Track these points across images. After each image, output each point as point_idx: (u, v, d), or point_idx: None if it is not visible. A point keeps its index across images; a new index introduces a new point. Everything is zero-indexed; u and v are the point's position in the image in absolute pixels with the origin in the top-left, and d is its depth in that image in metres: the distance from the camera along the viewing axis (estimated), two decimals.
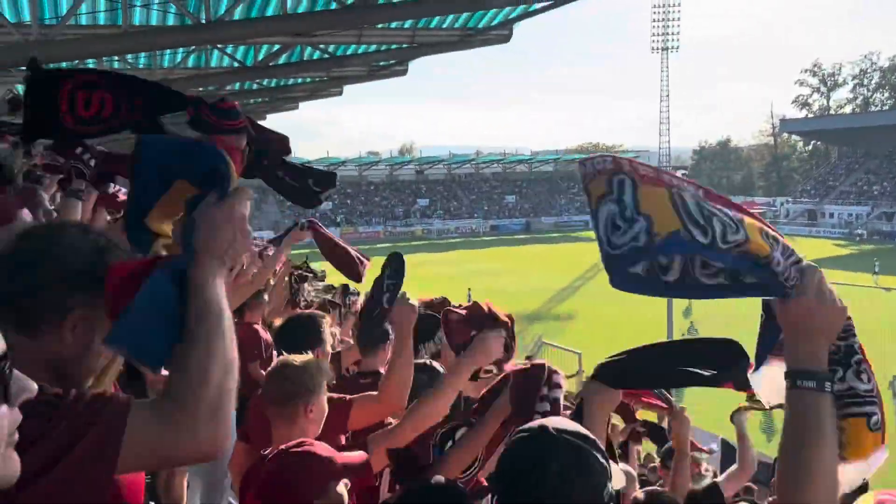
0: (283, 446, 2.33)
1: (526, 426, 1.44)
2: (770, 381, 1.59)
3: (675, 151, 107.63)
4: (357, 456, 2.41)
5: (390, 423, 2.83)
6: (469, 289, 31.94)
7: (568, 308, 33.48)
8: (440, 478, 1.90)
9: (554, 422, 1.44)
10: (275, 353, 4.27)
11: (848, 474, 1.45)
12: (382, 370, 3.50)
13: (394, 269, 3.11)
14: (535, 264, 49.70)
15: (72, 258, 1.36)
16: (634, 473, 4.07)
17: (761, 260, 1.40)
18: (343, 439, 3.00)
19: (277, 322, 4.58)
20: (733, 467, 4.55)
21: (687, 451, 3.88)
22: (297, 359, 2.79)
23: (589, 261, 50.56)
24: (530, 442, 1.39)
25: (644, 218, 1.36)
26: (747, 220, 1.43)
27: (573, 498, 1.32)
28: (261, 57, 12.73)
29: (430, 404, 2.54)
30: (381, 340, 3.79)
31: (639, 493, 3.87)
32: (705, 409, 10.47)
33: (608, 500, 1.36)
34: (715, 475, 5.28)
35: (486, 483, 2.32)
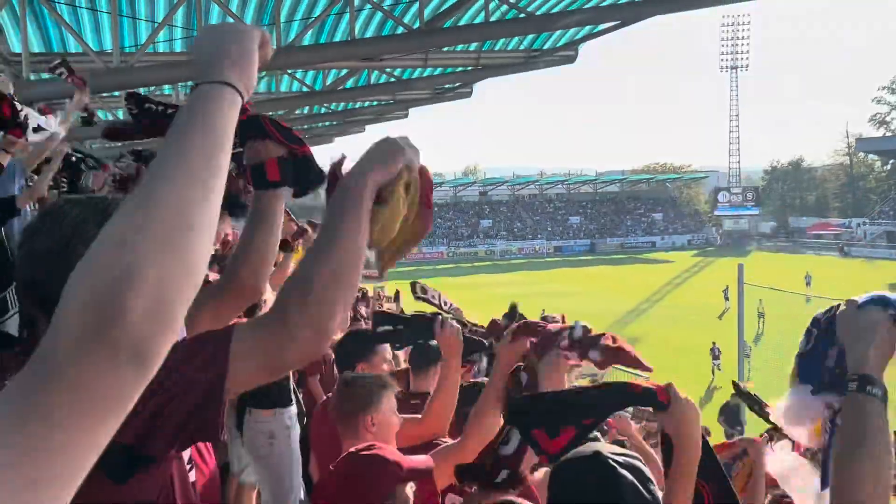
0: (352, 449, 2.35)
1: (581, 454, 1.42)
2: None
3: (746, 171, 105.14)
4: (423, 460, 2.41)
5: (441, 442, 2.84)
6: (543, 309, 31.68)
7: (633, 331, 32.80)
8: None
9: (605, 448, 1.43)
10: (336, 368, 4.33)
11: None
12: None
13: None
14: (600, 286, 49.02)
15: None
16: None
17: None
18: None
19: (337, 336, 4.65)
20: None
21: (761, 485, 3.73)
22: (358, 376, 2.84)
23: (655, 283, 49.67)
24: (596, 473, 1.37)
25: None
26: None
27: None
28: (329, 81, 13.04)
29: (488, 416, 2.52)
30: (431, 362, 3.80)
31: None
32: None
33: None
34: None
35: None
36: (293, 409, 4.88)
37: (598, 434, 2.04)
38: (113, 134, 2.28)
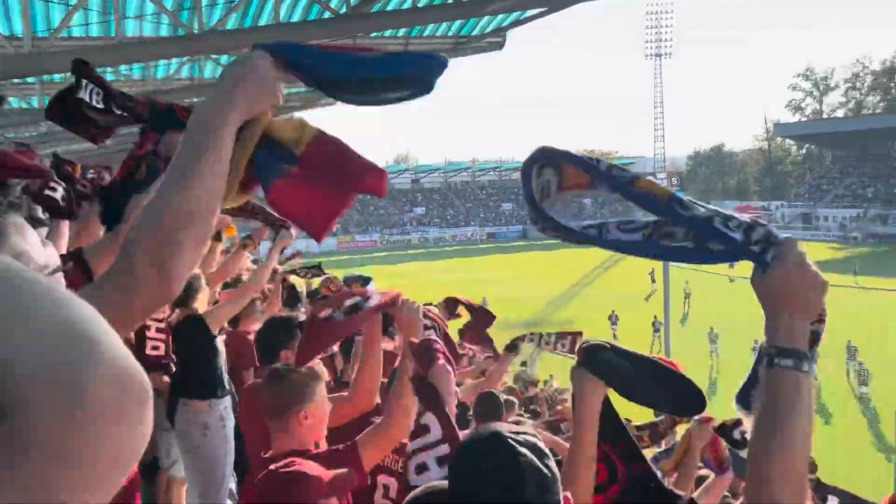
0: (271, 466, 2.32)
1: (480, 434, 1.40)
2: None
3: (670, 157, 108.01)
4: (342, 472, 2.41)
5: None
6: (484, 297, 31.93)
7: (565, 314, 33.43)
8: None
9: (503, 427, 1.40)
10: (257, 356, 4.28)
11: None
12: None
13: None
14: (532, 271, 49.72)
15: None
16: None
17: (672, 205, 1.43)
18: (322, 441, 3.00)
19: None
20: (711, 478, 4.39)
21: (693, 464, 3.82)
22: (286, 369, 2.79)
23: (585, 267, 50.66)
24: (496, 451, 1.34)
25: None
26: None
27: (550, 499, 1.31)
28: None
29: (406, 398, 2.54)
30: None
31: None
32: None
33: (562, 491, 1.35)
34: None
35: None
36: (228, 400, 4.80)
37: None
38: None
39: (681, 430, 3.79)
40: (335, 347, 5.17)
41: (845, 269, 43.04)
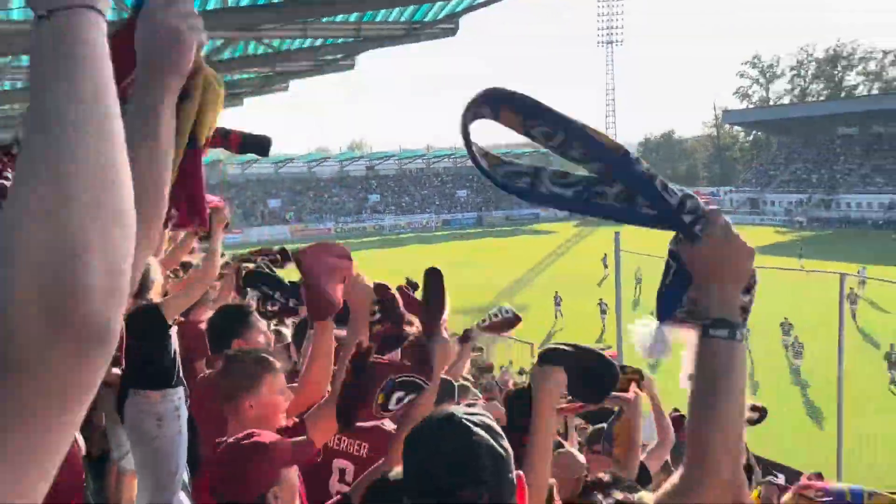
0: (231, 439, 2.30)
1: (435, 416, 1.41)
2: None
3: (622, 144, 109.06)
4: (302, 439, 2.42)
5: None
6: (407, 277, 31.77)
7: (520, 300, 33.64)
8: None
9: (460, 409, 1.40)
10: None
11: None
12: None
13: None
14: (487, 258, 49.93)
15: None
16: (584, 459, 4.08)
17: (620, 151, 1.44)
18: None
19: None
20: (653, 443, 4.42)
21: (638, 440, 3.86)
22: (241, 352, 2.76)
23: (539, 254, 51.09)
24: (451, 432, 1.34)
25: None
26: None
27: (505, 478, 1.31)
28: (204, 52, 12.50)
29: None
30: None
31: (603, 475, 3.90)
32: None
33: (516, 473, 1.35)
34: None
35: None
36: (181, 390, 4.72)
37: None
38: None
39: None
40: (288, 337, 5.12)
41: (790, 253, 44.24)
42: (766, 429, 3.71)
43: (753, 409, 4.44)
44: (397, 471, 1.55)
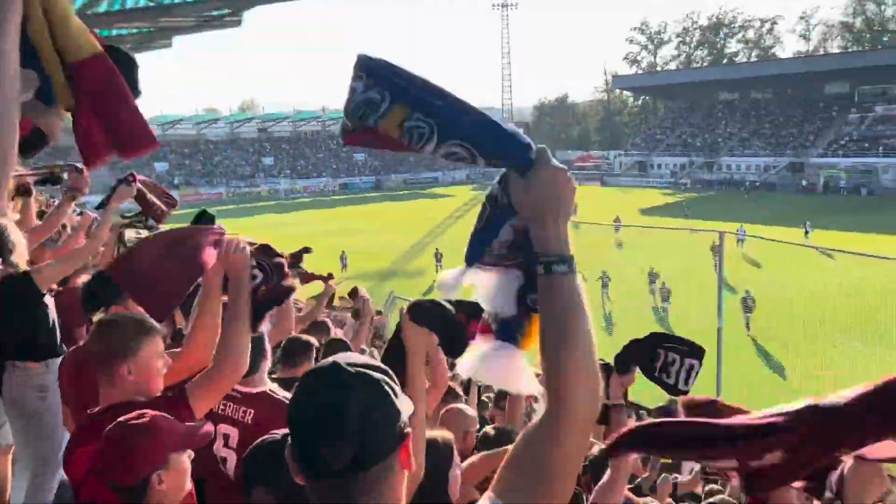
0: (121, 419, 2.17)
1: (317, 365, 1.34)
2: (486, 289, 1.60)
3: (517, 108, 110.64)
4: (199, 424, 2.32)
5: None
6: (343, 251, 31.54)
7: (418, 264, 33.83)
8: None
9: (346, 357, 1.33)
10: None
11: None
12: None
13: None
14: (386, 222, 49.76)
15: None
16: (474, 413, 4.09)
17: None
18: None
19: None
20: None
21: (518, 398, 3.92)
22: (118, 316, 2.58)
23: (438, 217, 51.34)
24: (326, 381, 1.28)
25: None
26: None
27: (376, 435, 1.24)
28: (78, 5, 11.63)
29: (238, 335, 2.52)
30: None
31: (488, 430, 3.93)
32: None
33: (405, 425, 1.29)
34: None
35: None
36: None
37: None
38: None
39: None
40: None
41: (677, 213, 46.34)
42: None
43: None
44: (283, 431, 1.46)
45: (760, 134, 74.80)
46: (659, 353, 3.47)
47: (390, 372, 1.34)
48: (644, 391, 5.10)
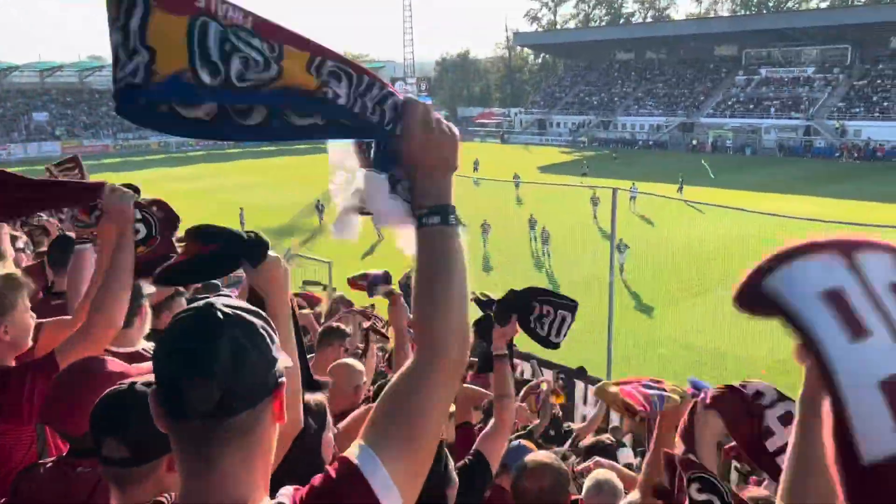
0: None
1: (190, 306, 1.29)
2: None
3: (419, 63, 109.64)
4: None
5: None
6: (241, 207, 30.54)
7: (317, 221, 33.28)
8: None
9: (222, 299, 1.29)
10: None
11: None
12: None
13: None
14: (285, 176, 48.56)
15: None
16: (363, 367, 4.07)
17: (316, 95, 1.34)
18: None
19: None
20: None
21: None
22: None
23: None
24: (196, 320, 1.23)
25: (147, 51, 1.20)
26: (294, 53, 1.31)
27: (246, 379, 1.20)
28: None
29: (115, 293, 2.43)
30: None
31: (383, 383, 3.95)
32: None
33: (279, 374, 1.25)
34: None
35: None
36: None
37: None
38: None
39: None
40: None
41: (575, 171, 47.41)
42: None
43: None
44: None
45: (654, 94, 77.14)
46: (534, 306, 3.54)
47: (270, 321, 1.29)
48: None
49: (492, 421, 3.27)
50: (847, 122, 59.90)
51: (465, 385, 3.95)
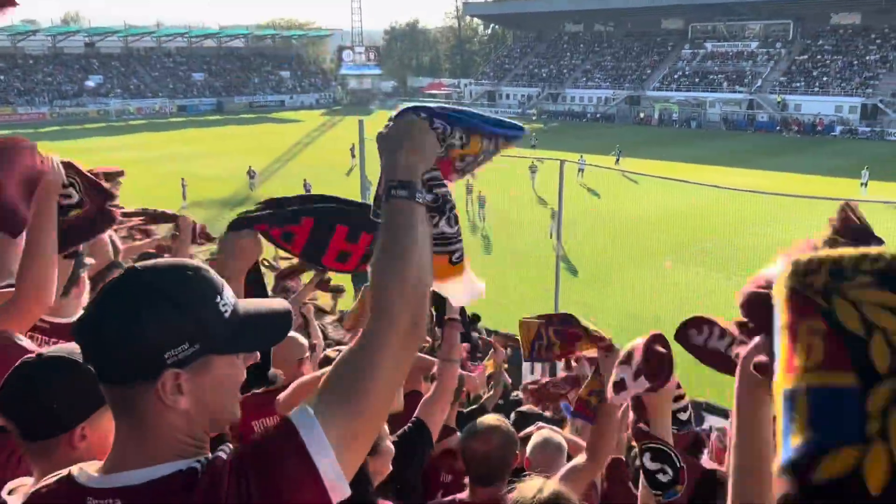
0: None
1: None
2: None
3: (368, 32, 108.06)
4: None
5: None
6: (183, 178, 29.84)
7: (266, 191, 32.70)
8: None
9: (147, 264, 1.32)
10: None
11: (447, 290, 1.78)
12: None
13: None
14: (229, 147, 47.53)
15: None
16: (306, 342, 4.02)
17: None
18: None
19: None
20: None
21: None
22: None
23: (286, 143, 49.78)
24: (118, 288, 1.29)
25: None
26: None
27: (116, 356, 1.25)
28: None
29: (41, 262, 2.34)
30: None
31: (329, 352, 3.89)
32: None
33: (169, 364, 1.26)
34: None
35: None
36: None
37: None
38: None
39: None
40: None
41: (524, 143, 47.51)
42: None
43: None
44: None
45: (602, 67, 77.61)
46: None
47: (203, 296, 1.31)
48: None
49: (433, 385, 3.26)
50: (788, 96, 61.31)
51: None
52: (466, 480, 2.98)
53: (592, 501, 3.29)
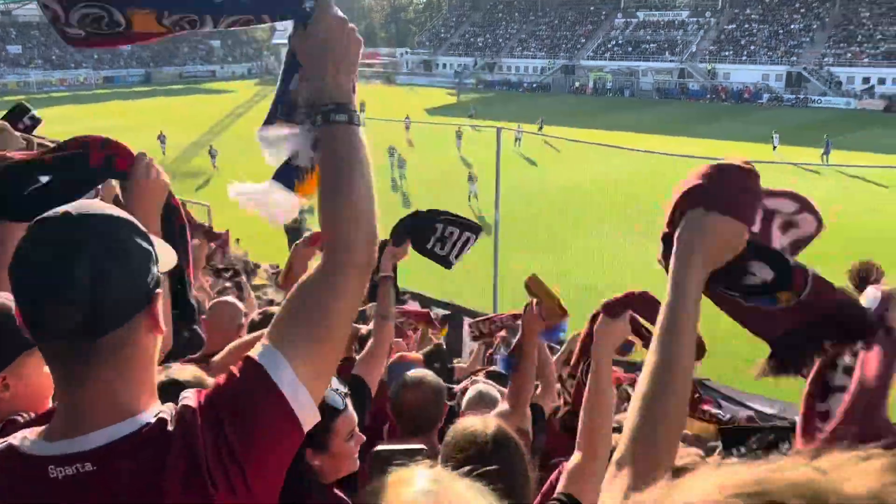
0: None
1: (46, 214, 1.17)
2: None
3: None
4: None
5: None
6: None
7: (198, 165, 31.93)
8: None
9: (82, 206, 1.18)
10: None
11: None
12: None
13: None
14: (158, 119, 45.97)
15: None
16: (242, 306, 3.97)
17: None
18: None
19: None
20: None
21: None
22: None
23: (218, 114, 48.53)
24: (53, 237, 1.13)
25: None
26: None
27: (109, 299, 1.12)
28: None
29: None
30: None
31: (254, 316, 3.87)
32: None
33: (153, 285, 1.19)
34: None
35: None
36: None
37: None
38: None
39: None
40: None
41: (463, 113, 47.47)
42: None
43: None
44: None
45: (538, 36, 77.79)
46: (437, 227, 3.54)
47: (136, 223, 1.21)
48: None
49: (369, 342, 3.28)
50: (718, 65, 62.68)
51: None
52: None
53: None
